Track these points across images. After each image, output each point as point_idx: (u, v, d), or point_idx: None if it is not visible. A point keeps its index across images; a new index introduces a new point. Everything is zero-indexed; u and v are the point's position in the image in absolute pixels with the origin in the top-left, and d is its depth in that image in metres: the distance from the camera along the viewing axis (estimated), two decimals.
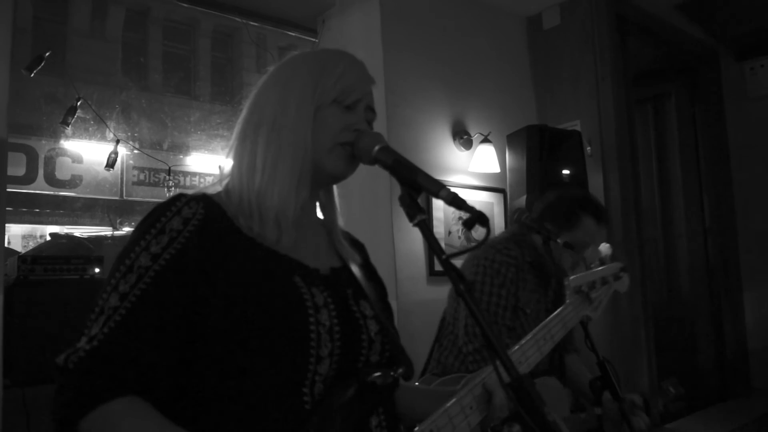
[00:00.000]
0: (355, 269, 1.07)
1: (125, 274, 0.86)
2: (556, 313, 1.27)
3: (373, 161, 1.01)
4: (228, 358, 0.86)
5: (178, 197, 0.92)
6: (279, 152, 0.97)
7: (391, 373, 0.95)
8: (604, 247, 1.44)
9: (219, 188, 1.00)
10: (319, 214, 1.15)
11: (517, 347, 1.17)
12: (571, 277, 1.31)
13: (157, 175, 9.96)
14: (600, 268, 1.39)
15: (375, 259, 1.23)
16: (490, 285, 2.01)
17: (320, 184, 1.09)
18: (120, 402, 0.81)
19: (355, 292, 1.02)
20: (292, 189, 0.97)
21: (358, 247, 1.21)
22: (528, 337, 1.20)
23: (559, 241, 1.93)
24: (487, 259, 2.05)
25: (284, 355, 0.87)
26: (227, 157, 1.03)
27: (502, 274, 2.01)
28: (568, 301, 1.28)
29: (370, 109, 1.06)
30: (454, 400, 1.01)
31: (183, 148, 9.98)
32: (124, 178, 10.06)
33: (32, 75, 2.97)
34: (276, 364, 0.87)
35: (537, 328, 1.22)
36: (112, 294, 0.85)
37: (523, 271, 2.06)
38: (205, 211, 0.92)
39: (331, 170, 1.02)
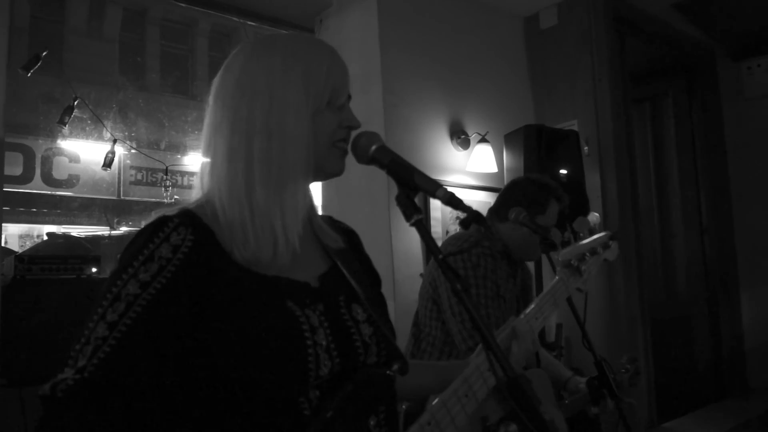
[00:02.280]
0: (342, 264, 1.04)
1: (113, 302, 0.82)
2: (547, 289, 1.27)
3: (370, 161, 1.01)
4: (222, 385, 0.84)
5: (165, 221, 0.88)
6: (284, 168, 0.93)
7: (387, 372, 0.95)
8: (593, 217, 1.43)
9: (203, 201, 0.95)
10: None
11: (536, 306, 1.20)
12: (561, 252, 1.31)
13: (154, 175, 9.95)
14: (589, 239, 1.38)
15: (372, 259, 1.23)
16: (474, 278, 2.01)
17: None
18: None
19: (347, 296, 0.99)
20: (300, 206, 0.95)
21: (348, 234, 1.16)
22: (520, 317, 1.20)
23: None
24: (464, 252, 2.06)
25: (283, 379, 0.86)
26: (205, 170, 0.97)
27: (481, 266, 2.02)
28: (558, 276, 1.27)
29: (349, 97, 1.05)
30: (471, 366, 1.04)
31: (180, 148, 9.97)
32: (122, 178, 10.05)
33: (29, 74, 2.97)
34: (274, 388, 0.85)
35: (529, 307, 1.22)
36: (99, 323, 0.80)
37: (497, 259, 2.07)
38: (194, 236, 0.87)
39: (330, 171, 1.01)
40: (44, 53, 3.02)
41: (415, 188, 0.96)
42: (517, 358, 1.16)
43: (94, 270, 2.72)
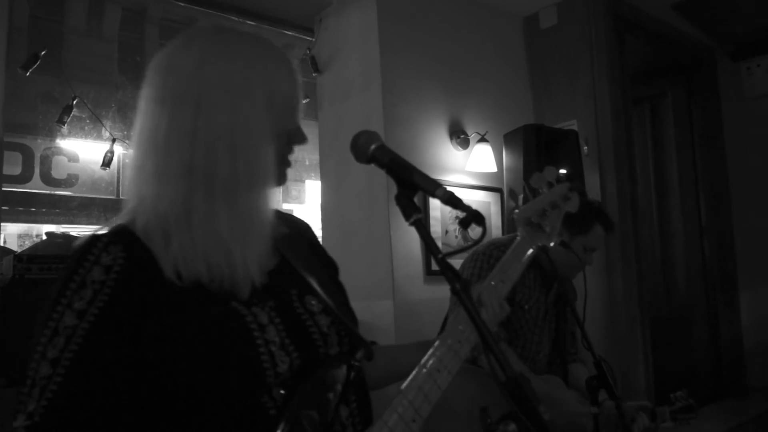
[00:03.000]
0: (291, 256, 1.00)
1: (51, 338, 0.77)
2: (510, 249, 1.25)
3: (369, 160, 1.01)
4: (181, 394, 0.82)
5: (94, 242, 0.83)
6: (251, 192, 0.89)
7: (352, 362, 0.93)
8: (549, 170, 1.39)
9: (137, 211, 0.88)
10: None
11: (499, 268, 1.18)
12: (519, 208, 1.29)
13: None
14: (547, 192, 1.35)
15: (372, 259, 1.23)
16: (483, 278, 2.01)
17: None
18: None
19: (300, 289, 0.96)
20: (266, 232, 0.93)
21: (300, 227, 1.13)
22: (510, 256, 1.19)
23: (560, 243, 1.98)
24: (485, 254, 2.11)
25: (240, 382, 0.83)
26: (143, 178, 0.89)
27: (479, 259, 2.09)
28: (519, 234, 1.26)
29: None
30: (438, 342, 1.00)
31: None
32: (121, 177, 10.04)
33: (28, 74, 2.96)
34: (233, 392, 0.83)
35: (493, 271, 1.20)
36: (42, 363, 0.77)
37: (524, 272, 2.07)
38: (125, 253, 0.83)
39: (277, 184, 0.96)
40: (43, 52, 3.02)
41: (415, 187, 0.95)
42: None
43: None
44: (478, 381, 1.86)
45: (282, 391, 0.86)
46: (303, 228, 1.15)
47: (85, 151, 9.39)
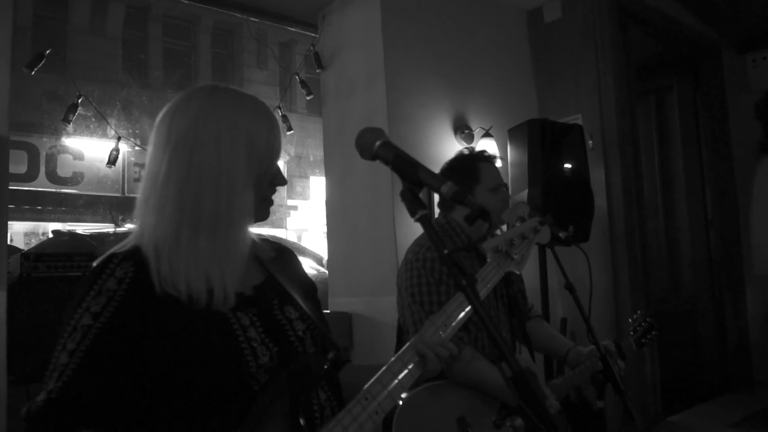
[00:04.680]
0: (276, 273, 1.18)
1: (71, 333, 0.97)
2: (479, 273, 1.28)
3: (374, 156, 1.01)
4: (176, 383, 0.98)
5: (111, 258, 1.03)
6: (232, 227, 1.06)
7: (325, 358, 1.12)
8: (522, 206, 1.47)
9: (146, 233, 1.07)
10: None
11: (441, 311, 1.17)
12: (487, 242, 1.34)
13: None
14: (518, 225, 1.41)
15: (377, 255, 1.26)
16: (427, 285, 1.90)
17: None
18: None
19: (280, 300, 1.14)
20: (243, 258, 1.09)
21: (281, 250, 1.28)
22: (452, 300, 1.19)
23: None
24: (418, 260, 1.94)
25: (227, 371, 1.00)
26: (148, 208, 1.07)
27: (437, 270, 1.91)
28: (488, 261, 1.30)
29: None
30: (389, 374, 1.07)
31: None
32: (126, 175, 10.07)
33: (33, 73, 2.97)
34: (221, 379, 0.99)
35: (436, 316, 1.19)
36: (62, 352, 0.96)
37: (459, 258, 1.97)
38: (135, 269, 1.02)
39: (258, 219, 1.14)
40: (48, 51, 3.02)
41: (420, 184, 0.96)
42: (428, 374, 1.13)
43: None
44: (447, 395, 1.78)
45: (266, 376, 1.02)
46: (288, 253, 1.31)
47: (91, 149, 9.43)
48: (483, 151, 2.15)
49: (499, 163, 2.24)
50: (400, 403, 1.60)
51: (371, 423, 1.00)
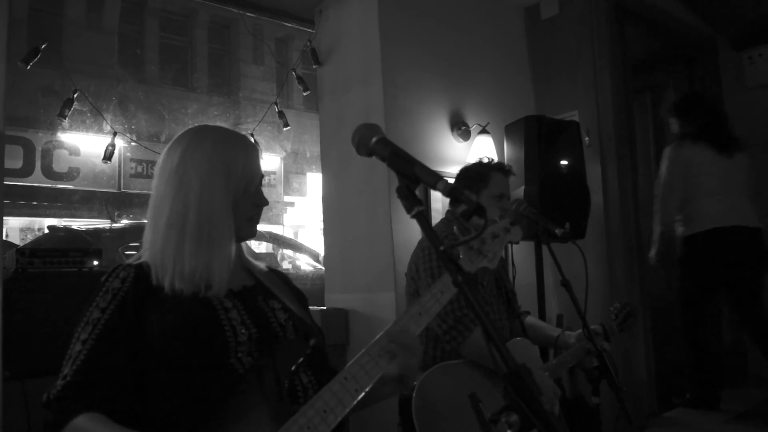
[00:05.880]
0: (266, 280, 1.36)
1: (84, 327, 1.15)
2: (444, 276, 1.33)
3: (370, 153, 1.01)
4: (170, 360, 1.13)
5: (119, 267, 1.24)
6: (213, 239, 1.23)
7: (307, 343, 1.24)
8: (519, 203, 1.54)
9: (148, 253, 1.26)
10: None
11: (416, 302, 1.18)
12: (460, 240, 1.40)
13: (154, 168, 9.95)
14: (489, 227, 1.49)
15: (373, 251, 1.27)
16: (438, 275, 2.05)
17: None
18: (84, 417, 1.04)
19: (265, 296, 1.30)
20: (228, 262, 1.25)
21: (278, 273, 1.46)
22: (427, 291, 1.21)
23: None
24: (424, 250, 2.15)
25: (209, 346, 1.14)
26: (150, 230, 1.27)
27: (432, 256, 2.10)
28: (461, 257, 1.34)
29: (261, 178, 1.35)
30: (363, 351, 1.11)
31: None
32: (122, 171, 10.06)
33: (28, 67, 2.95)
34: (204, 353, 1.13)
35: (434, 284, 1.22)
36: (76, 343, 1.13)
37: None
38: (135, 272, 1.22)
39: (244, 237, 1.33)
40: (43, 46, 3.01)
41: (416, 180, 0.96)
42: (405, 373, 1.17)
43: (95, 263, 2.72)
44: (458, 374, 1.93)
45: (249, 358, 1.16)
46: (281, 273, 1.47)
47: (87, 145, 9.40)
48: (501, 163, 2.35)
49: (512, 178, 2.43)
50: (416, 383, 1.79)
51: (350, 398, 1.05)
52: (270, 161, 12.14)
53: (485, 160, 2.40)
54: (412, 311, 1.17)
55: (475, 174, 2.31)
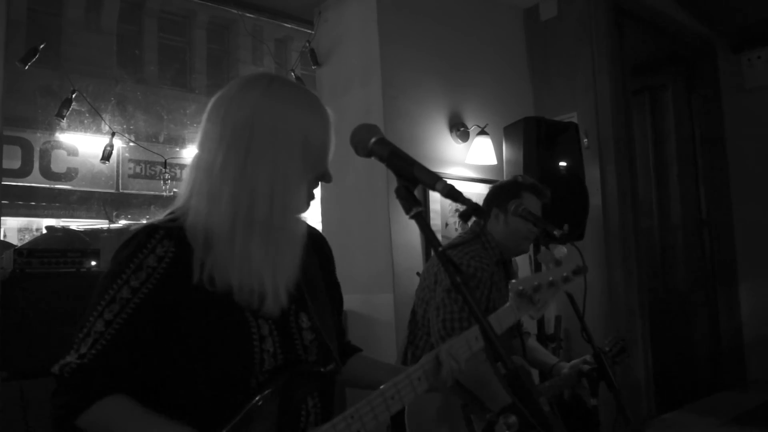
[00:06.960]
0: (301, 276, 1.17)
1: (109, 303, 1.00)
2: (495, 313, 1.27)
3: (369, 153, 1.01)
4: (191, 370, 1.03)
5: (153, 232, 1.04)
6: (283, 230, 1.06)
7: (321, 369, 1.12)
8: (559, 250, 1.44)
9: (188, 213, 1.07)
10: None
11: (448, 342, 1.16)
12: (514, 281, 1.31)
13: (153, 168, 9.94)
14: (549, 269, 1.38)
15: (372, 251, 1.26)
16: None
17: None
18: (110, 398, 0.97)
19: (297, 306, 1.13)
20: (294, 263, 1.10)
21: (317, 242, 1.29)
22: (463, 334, 1.19)
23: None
24: (468, 266, 2.07)
25: (234, 370, 1.03)
26: (199, 184, 1.07)
27: (477, 277, 2.03)
28: (508, 302, 1.28)
29: None
30: (404, 374, 1.10)
31: (179, 141, 9.96)
32: (120, 171, 10.03)
33: (27, 67, 2.95)
34: (229, 375, 1.03)
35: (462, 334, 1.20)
36: (98, 320, 1.00)
37: (495, 273, 2.10)
38: (175, 249, 1.03)
39: (302, 213, 1.14)
40: (42, 46, 3.01)
41: (415, 181, 0.96)
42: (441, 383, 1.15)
43: (93, 263, 2.71)
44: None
45: (266, 378, 1.05)
46: (319, 243, 1.30)
47: (85, 145, 9.37)
48: (535, 184, 2.27)
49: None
50: None
51: (374, 422, 1.03)
52: None
53: (519, 179, 2.33)
54: (470, 334, 1.16)
55: (508, 189, 2.26)
